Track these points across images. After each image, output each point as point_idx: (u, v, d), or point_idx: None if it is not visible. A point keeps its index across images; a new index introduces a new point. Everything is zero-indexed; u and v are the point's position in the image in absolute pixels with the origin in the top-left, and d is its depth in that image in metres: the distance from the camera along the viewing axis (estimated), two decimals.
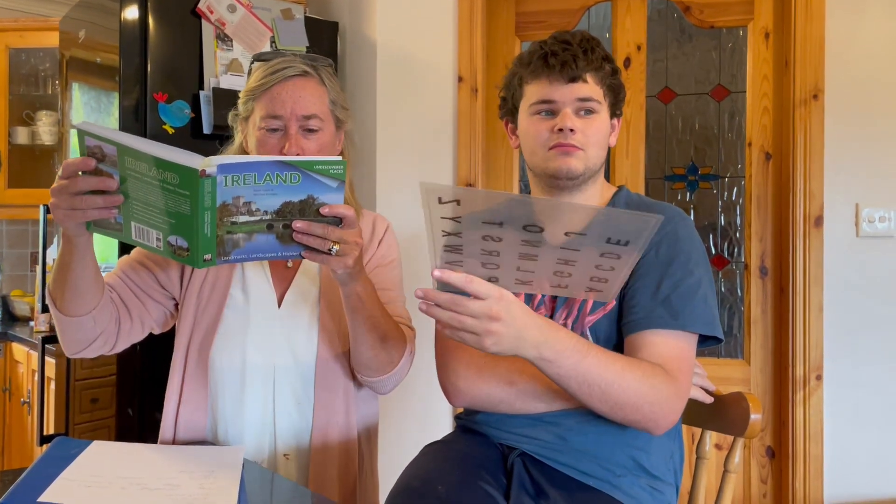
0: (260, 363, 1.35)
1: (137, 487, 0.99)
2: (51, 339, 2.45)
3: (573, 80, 1.24)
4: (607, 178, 1.64)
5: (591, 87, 1.26)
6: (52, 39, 2.84)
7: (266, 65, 1.33)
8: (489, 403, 1.25)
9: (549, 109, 1.27)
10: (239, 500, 0.96)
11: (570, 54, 1.24)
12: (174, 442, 1.36)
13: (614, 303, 1.22)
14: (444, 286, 1.02)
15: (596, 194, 1.33)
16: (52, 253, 2.62)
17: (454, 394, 1.27)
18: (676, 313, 1.17)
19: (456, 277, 1.00)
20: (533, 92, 1.28)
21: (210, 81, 2.11)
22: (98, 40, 2.21)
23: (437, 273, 1.01)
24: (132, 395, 2.03)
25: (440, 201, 0.99)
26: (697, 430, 1.38)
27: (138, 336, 1.38)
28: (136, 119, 2.03)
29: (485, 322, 1.01)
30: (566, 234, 1.00)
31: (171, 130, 2.06)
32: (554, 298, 1.27)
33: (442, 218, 1.01)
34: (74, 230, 1.11)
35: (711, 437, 1.37)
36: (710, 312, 1.20)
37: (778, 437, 2.25)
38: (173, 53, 2.09)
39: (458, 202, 0.99)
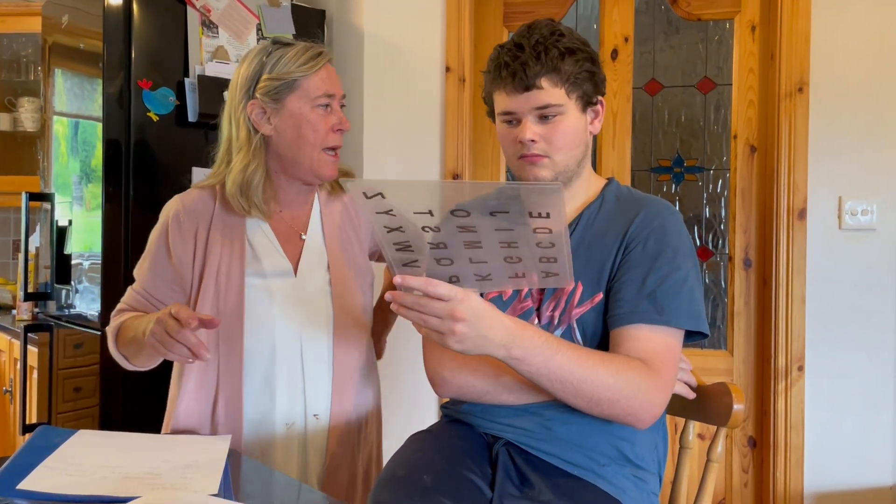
0: (288, 335, 1.42)
1: (119, 476, 0.99)
2: (33, 327, 2.43)
3: (527, 88, 1.21)
4: (594, 169, 1.64)
5: (547, 93, 1.21)
6: (34, 24, 2.80)
7: (294, 48, 1.41)
8: (475, 394, 1.25)
9: (512, 119, 1.25)
10: (221, 489, 0.96)
11: (519, 63, 1.20)
12: (214, 430, 1.41)
13: (601, 295, 1.23)
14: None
15: (581, 189, 1.32)
16: (35, 241, 2.60)
17: (440, 384, 1.27)
18: (661, 308, 1.17)
19: (416, 282, 1.02)
20: (497, 101, 1.27)
21: (195, 69, 2.10)
22: (81, 26, 2.18)
23: (397, 280, 1.03)
24: (116, 384, 2.02)
25: (366, 196, 1.01)
26: (680, 421, 1.39)
27: None
28: (121, 106, 2.01)
29: (448, 322, 1.03)
30: (491, 213, 1.01)
31: (155, 118, 2.05)
32: (541, 290, 1.27)
33: (377, 214, 1.03)
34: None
35: (694, 427, 1.38)
36: (695, 307, 1.20)
37: (759, 427, 2.27)
38: (158, 40, 2.07)
39: (381, 195, 1.01)
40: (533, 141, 1.22)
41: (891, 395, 2.16)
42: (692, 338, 1.24)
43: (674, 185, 2.45)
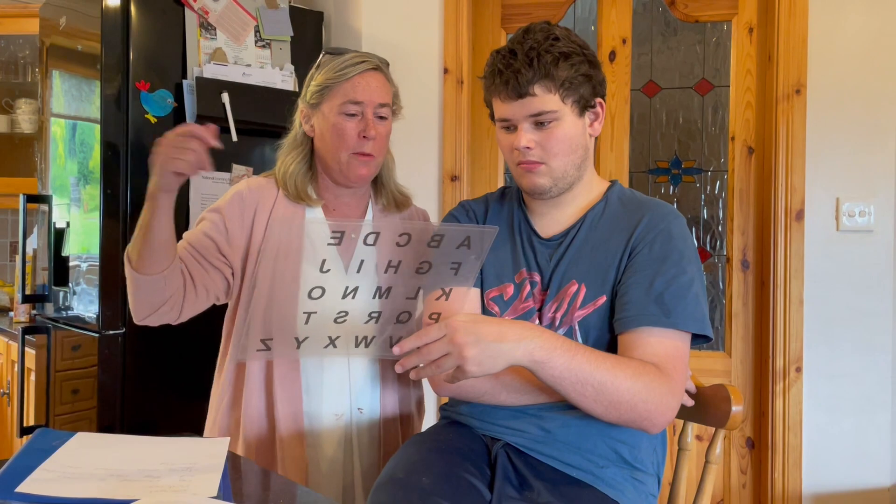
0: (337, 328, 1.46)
1: (117, 478, 0.98)
2: (31, 329, 2.42)
3: (521, 96, 1.21)
4: None
5: (541, 100, 1.21)
6: (31, 26, 2.79)
7: (341, 57, 1.48)
8: (474, 394, 1.25)
9: (509, 126, 1.25)
10: (221, 491, 0.96)
11: (512, 71, 1.20)
12: (273, 419, 1.44)
13: (605, 298, 1.22)
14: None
15: (583, 192, 1.32)
16: (32, 243, 2.59)
17: (439, 383, 1.28)
18: (669, 311, 1.17)
19: (410, 343, 1.07)
20: (494, 107, 1.28)
21: (193, 70, 2.09)
22: (79, 27, 2.18)
23: (396, 350, 1.09)
24: (114, 386, 2.01)
25: (265, 348, 1.26)
26: (679, 422, 1.39)
27: (203, 305, 1.48)
28: (119, 108, 2.01)
29: (455, 352, 1.05)
30: (322, 271, 1.16)
31: (153, 120, 2.04)
32: (544, 291, 1.27)
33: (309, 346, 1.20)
34: (165, 180, 1.28)
35: (693, 429, 1.38)
36: (701, 311, 1.20)
37: (757, 429, 2.27)
38: (156, 42, 2.06)
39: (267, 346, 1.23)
40: (528, 148, 1.22)
41: (888, 396, 2.16)
42: (696, 341, 1.24)
43: (672, 187, 2.45)
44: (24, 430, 2.39)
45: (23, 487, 0.93)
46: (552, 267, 1.27)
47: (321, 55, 1.52)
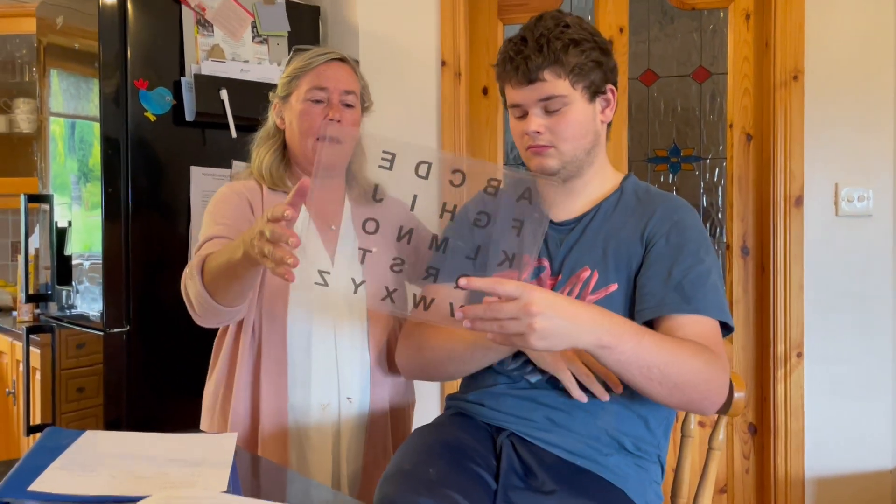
0: (323, 319, 1.49)
1: (128, 475, 0.99)
2: (35, 329, 2.43)
3: (531, 81, 1.23)
4: None
5: (551, 85, 1.23)
6: (28, 26, 2.78)
7: (308, 51, 1.55)
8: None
9: (521, 112, 1.27)
10: (230, 486, 0.97)
11: (522, 57, 1.22)
12: (256, 410, 1.45)
13: (616, 286, 1.23)
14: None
15: (596, 179, 1.33)
16: (34, 242, 2.60)
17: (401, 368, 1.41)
18: (689, 298, 1.18)
19: (481, 282, 1.01)
20: (507, 94, 1.29)
21: (191, 68, 2.09)
22: (76, 26, 2.18)
23: (462, 282, 1.01)
24: (118, 383, 2.02)
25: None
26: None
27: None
28: (118, 106, 2.01)
29: (525, 320, 0.99)
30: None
31: (152, 118, 2.05)
32: (554, 276, 1.28)
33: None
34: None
35: (695, 416, 1.39)
36: (719, 299, 1.21)
37: (760, 414, 2.29)
38: (153, 39, 2.06)
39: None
40: (538, 132, 1.24)
41: (889, 379, 2.18)
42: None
43: (671, 175, 2.45)
44: (31, 429, 2.41)
45: (35, 486, 0.94)
46: (564, 252, 1.28)
47: (290, 53, 1.58)
